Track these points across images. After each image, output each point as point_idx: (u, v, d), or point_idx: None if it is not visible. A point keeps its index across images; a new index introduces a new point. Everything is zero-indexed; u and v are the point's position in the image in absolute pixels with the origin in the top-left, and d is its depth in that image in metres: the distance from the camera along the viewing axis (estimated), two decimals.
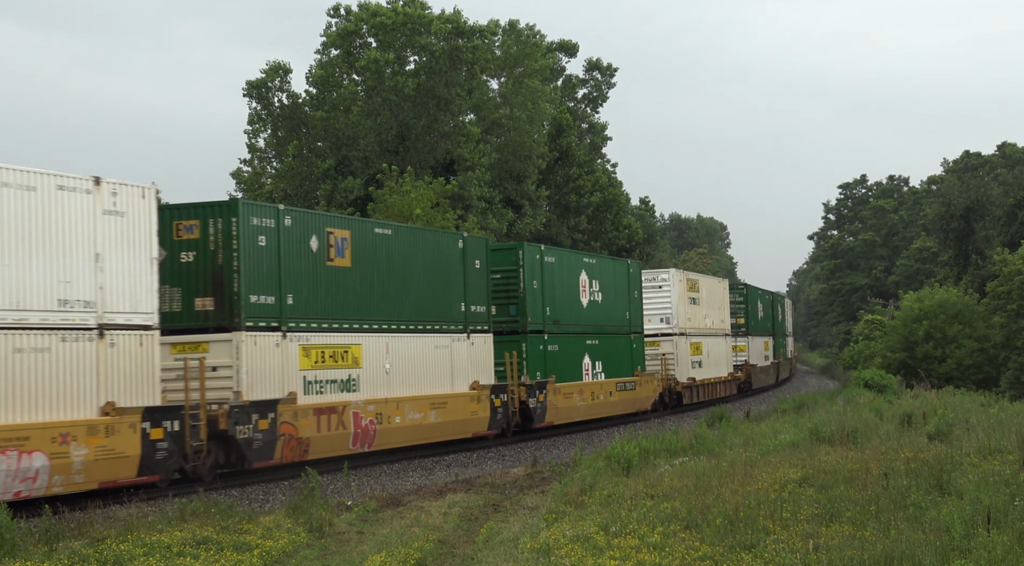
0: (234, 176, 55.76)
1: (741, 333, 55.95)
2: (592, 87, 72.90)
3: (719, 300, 51.09)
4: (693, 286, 46.84)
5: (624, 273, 40.28)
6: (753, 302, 59.88)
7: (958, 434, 23.02)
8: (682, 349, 44.76)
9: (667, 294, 44.35)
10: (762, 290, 68.02)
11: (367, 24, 52.84)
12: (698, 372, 46.65)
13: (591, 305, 37.06)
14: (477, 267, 30.67)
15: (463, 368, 29.52)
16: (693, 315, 46.31)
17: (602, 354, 37.47)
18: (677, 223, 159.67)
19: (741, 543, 13.81)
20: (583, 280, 36.63)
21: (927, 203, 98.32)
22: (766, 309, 63.97)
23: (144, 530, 15.88)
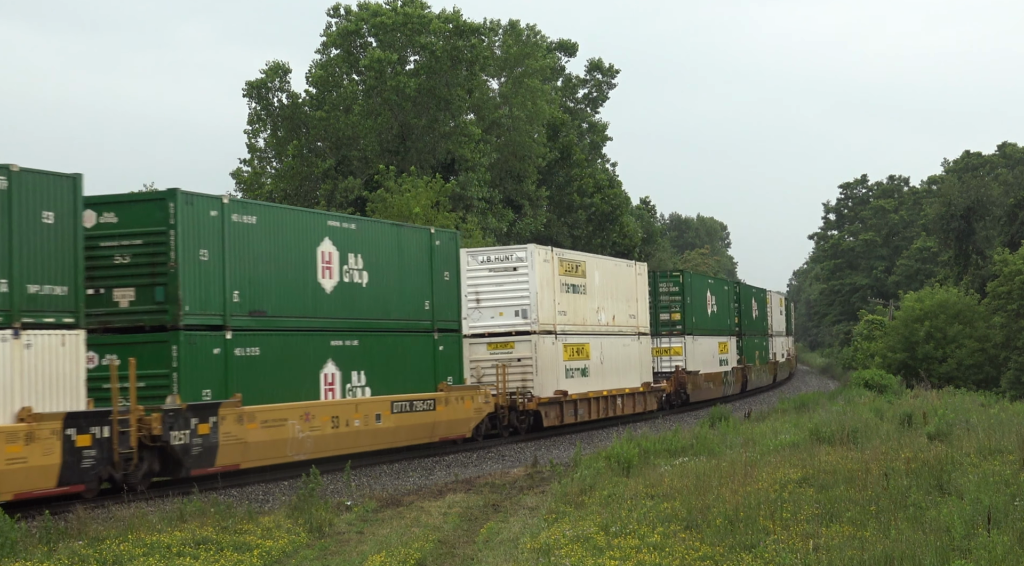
0: (234, 176, 55.80)
1: (676, 332, 46.32)
2: (593, 87, 72.93)
3: (626, 289, 40.34)
4: (574, 269, 36.25)
5: (421, 245, 28.85)
6: (698, 294, 49.36)
7: (958, 434, 23.02)
8: (547, 352, 33.77)
9: (524, 278, 33.29)
10: (717, 279, 58.84)
11: (367, 24, 52.86)
12: (579, 383, 35.71)
13: (343, 289, 25.80)
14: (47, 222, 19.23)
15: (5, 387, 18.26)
16: (573, 307, 35.93)
17: (368, 361, 26.34)
18: (677, 223, 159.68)
19: (741, 543, 13.81)
20: (325, 252, 25.29)
21: (927, 203, 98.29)
22: (724, 303, 53.63)
23: (144, 530, 15.88)
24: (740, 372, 55.66)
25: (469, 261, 32.98)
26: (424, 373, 28.50)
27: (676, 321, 46.74)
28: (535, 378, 33.29)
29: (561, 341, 34.73)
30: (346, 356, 25.71)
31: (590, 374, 36.57)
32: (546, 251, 34.51)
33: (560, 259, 35.32)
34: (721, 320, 52.48)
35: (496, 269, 33.61)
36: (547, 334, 33.90)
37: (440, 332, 29.22)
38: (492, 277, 33.48)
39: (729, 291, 55.26)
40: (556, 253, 35.16)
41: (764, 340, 63.83)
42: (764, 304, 64.56)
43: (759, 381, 61.61)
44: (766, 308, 65.17)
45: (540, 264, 33.69)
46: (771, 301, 68.15)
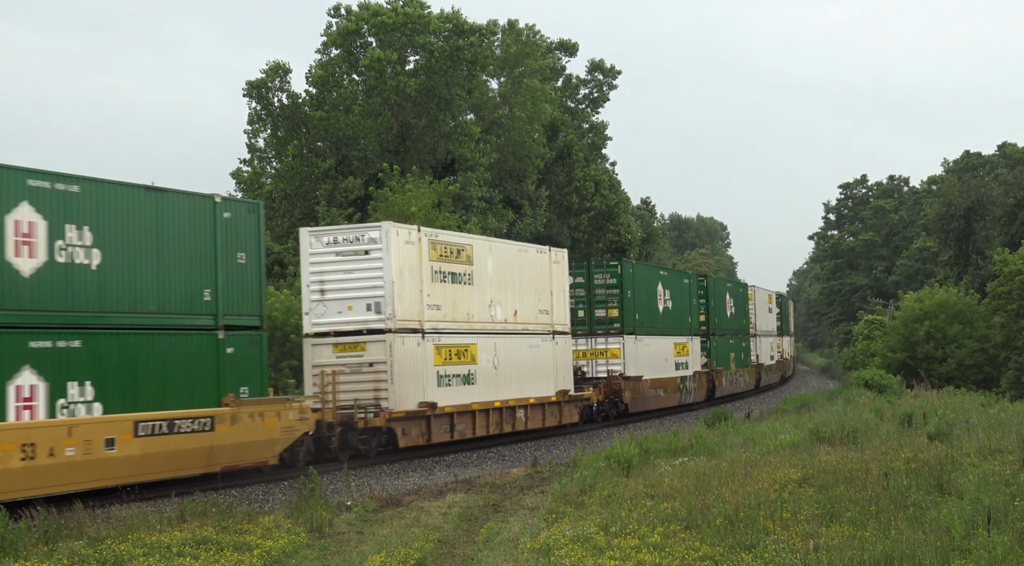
0: (234, 176, 55.79)
1: (613, 331, 40.20)
2: (594, 87, 72.92)
3: (536, 280, 33.86)
4: (453, 254, 29.79)
5: (198, 218, 22.76)
6: (644, 287, 42.52)
7: (958, 434, 23.02)
8: (408, 355, 27.49)
9: (377, 264, 27.24)
10: (673, 272, 51.01)
11: (367, 24, 52.86)
12: (460, 393, 29.51)
13: (54, 271, 19.81)
14: None
15: None
16: (453, 300, 29.56)
17: (97, 368, 20.38)
18: (677, 223, 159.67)
19: (741, 543, 13.81)
20: (22, 222, 19.36)
21: (927, 203, 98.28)
22: (683, 298, 46.97)
23: (144, 530, 15.89)
24: (705, 377, 49.35)
25: (312, 243, 27.78)
26: (200, 383, 22.31)
27: (614, 318, 40.20)
28: (390, 387, 26.89)
29: (432, 341, 28.41)
30: (57, 362, 19.62)
31: (477, 381, 30.16)
32: (410, 230, 28.23)
33: (432, 240, 28.91)
34: (678, 318, 46.11)
35: (345, 253, 27.54)
36: (410, 333, 27.63)
37: (230, 330, 23.14)
38: (340, 263, 27.53)
39: (691, 285, 48.85)
40: (427, 233, 28.83)
41: (744, 341, 57.62)
42: (744, 301, 58.63)
43: (734, 387, 54.87)
44: (747, 305, 59.09)
45: (400, 247, 27.54)
46: (756, 298, 62.12)
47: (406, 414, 27.23)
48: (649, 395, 41.89)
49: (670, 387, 44.22)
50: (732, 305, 55.73)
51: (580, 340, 39.32)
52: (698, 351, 48.60)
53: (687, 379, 46.32)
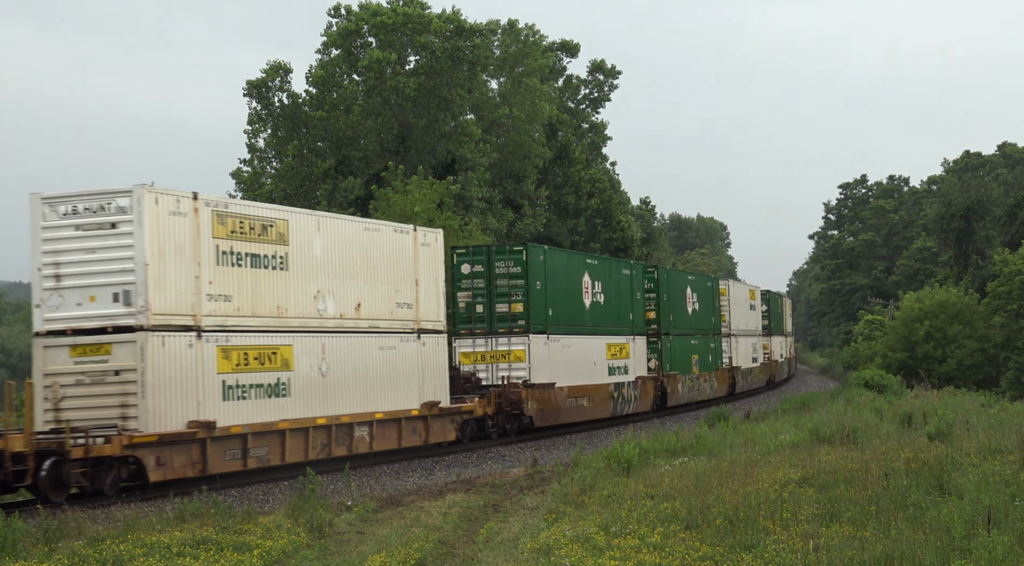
0: (234, 176, 55.77)
1: (517, 329, 33.56)
2: (594, 88, 72.90)
3: (392, 267, 27.81)
4: (250, 230, 23.43)
5: None
6: (560, 277, 35.91)
7: (958, 434, 23.01)
8: (171, 360, 21.42)
9: (127, 241, 21.18)
10: (607, 260, 43.41)
11: (367, 24, 52.84)
12: (263, 408, 23.36)
13: None
14: None
15: None
16: (254, 290, 23.39)
17: None
18: (677, 223, 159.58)
19: (741, 543, 13.81)
20: None
21: (927, 203, 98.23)
22: (622, 292, 40.33)
23: (144, 530, 15.88)
24: (653, 383, 42.68)
25: (46, 213, 21.65)
26: None
27: (518, 314, 33.58)
28: (141, 402, 20.74)
29: (214, 342, 22.28)
30: None
31: (292, 393, 24.01)
32: (179, 198, 21.75)
33: (220, 213, 22.59)
34: (613, 314, 39.39)
35: (87, 226, 21.40)
36: (176, 331, 21.50)
37: None
38: (81, 239, 21.38)
39: (634, 277, 41.68)
40: (210, 203, 22.44)
41: (713, 341, 51.00)
42: (713, 296, 52.18)
43: (696, 393, 47.90)
44: (717, 302, 52.75)
45: (161, 218, 21.29)
46: (731, 294, 55.77)
47: (159, 438, 20.74)
48: (565, 406, 35.01)
49: (599, 396, 37.48)
50: (696, 301, 49.13)
51: (479, 340, 33.52)
52: (643, 353, 41.88)
53: (625, 386, 39.51)
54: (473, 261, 34.08)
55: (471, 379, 32.09)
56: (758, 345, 61.93)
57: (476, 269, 34.06)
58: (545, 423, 34.01)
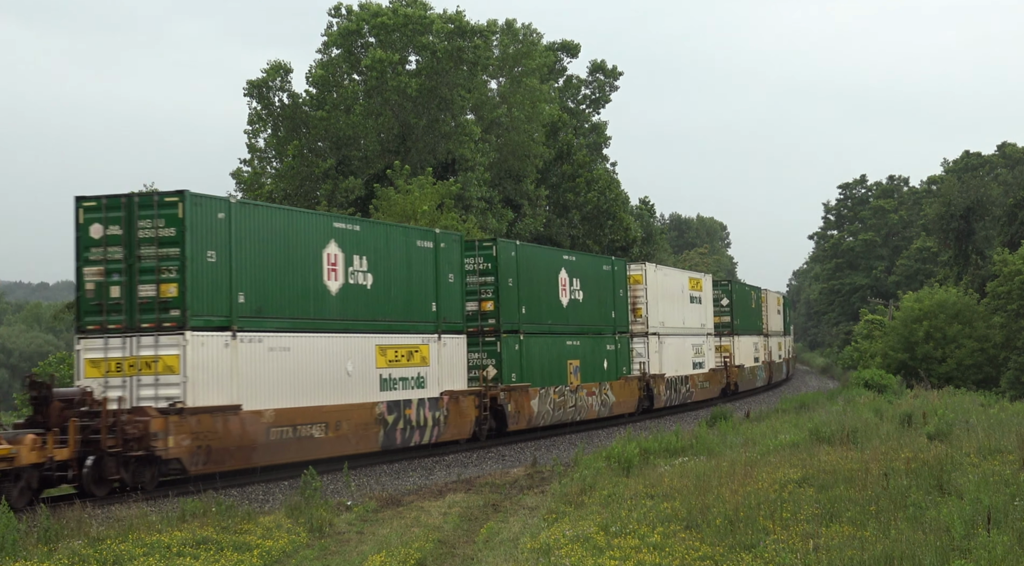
0: (234, 176, 55.76)
1: (167, 324, 21.85)
2: (595, 88, 72.89)
3: None
4: None
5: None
6: (265, 245, 23.79)
7: (958, 434, 23.03)
8: None
9: None
10: (369, 224, 28.58)
11: (368, 24, 52.85)
12: None
13: None
14: None
15: None
16: None
17: None
18: (677, 223, 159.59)
19: (741, 543, 13.81)
20: None
21: (927, 203, 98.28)
22: (409, 272, 28.54)
23: (144, 530, 15.88)
24: (477, 400, 30.74)
25: None
26: None
27: (170, 301, 21.67)
28: None
29: None
30: None
31: None
32: None
33: None
34: (400, 304, 27.91)
35: None
36: None
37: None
38: None
39: (441, 252, 29.76)
40: None
41: (614, 343, 39.37)
42: (614, 284, 39.99)
43: (572, 412, 36.00)
44: (622, 291, 40.70)
45: None
46: (652, 282, 43.24)
47: None
48: (267, 440, 23.24)
49: (353, 422, 25.73)
50: (578, 289, 36.83)
51: (114, 341, 21.85)
52: (460, 359, 30.24)
53: (415, 406, 27.85)
54: (108, 220, 22.31)
55: (88, 403, 20.83)
56: (710, 347, 50.31)
57: (112, 231, 22.25)
58: (218, 467, 22.27)
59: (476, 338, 31.80)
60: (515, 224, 55.82)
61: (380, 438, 26.53)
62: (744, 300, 59.02)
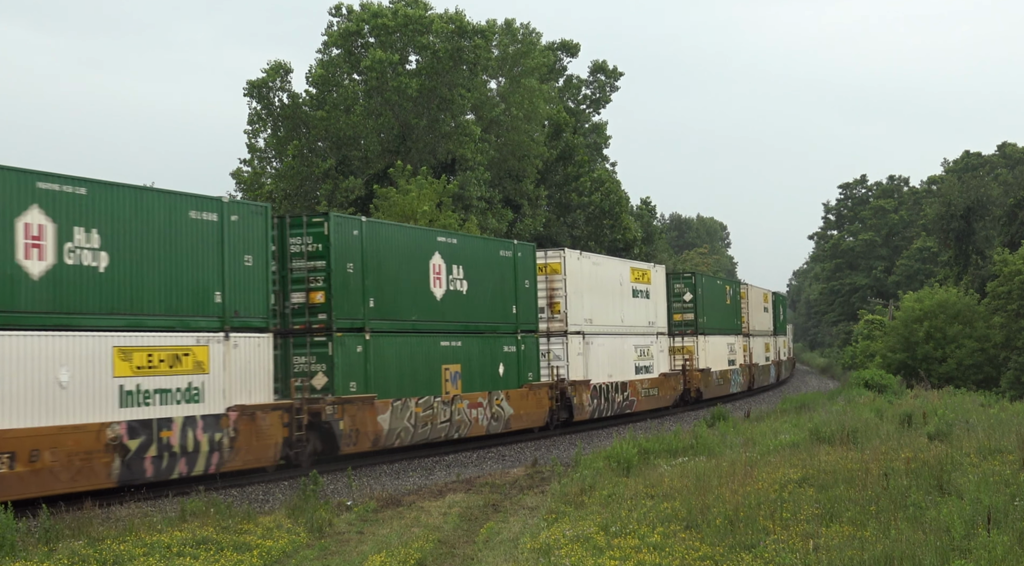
0: (234, 176, 55.80)
1: None
2: (596, 89, 72.91)
3: None
4: None
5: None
6: None
7: (958, 434, 23.03)
8: None
9: None
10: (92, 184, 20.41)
11: (368, 24, 52.87)
12: None
13: None
14: None
15: None
16: None
17: None
18: (677, 223, 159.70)
19: (741, 543, 13.81)
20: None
21: (927, 203, 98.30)
22: (164, 249, 21.48)
23: (144, 530, 15.88)
24: (283, 416, 23.85)
25: None
26: None
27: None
28: None
29: None
30: None
31: None
32: None
33: None
34: (146, 293, 21.13)
35: None
36: None
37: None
38: None
39: (212, 226, 22.58)
40: None
41: (514, 344, 32.31)
42: (516, 275, 32.54)
43: (445, 428, 28.86)
44: (527, 283, 33.22)
45: None
46: (572, 272, 35.69)
47: None
48: None
49: (64, 450, 19.06)
50: (456, 281, 29.63)
51: None
52: (254, 364, 23.35)
53: (177, 427, 21.23)
54: None
55: None
56: (657, 349, 42.82)
57: None
58: None
59: (303, 338, 25.45)
60: (515, 224, 55.84)
61: (115, 471, 19.94)
62: (714, 295, 52.13)
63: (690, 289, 48.99)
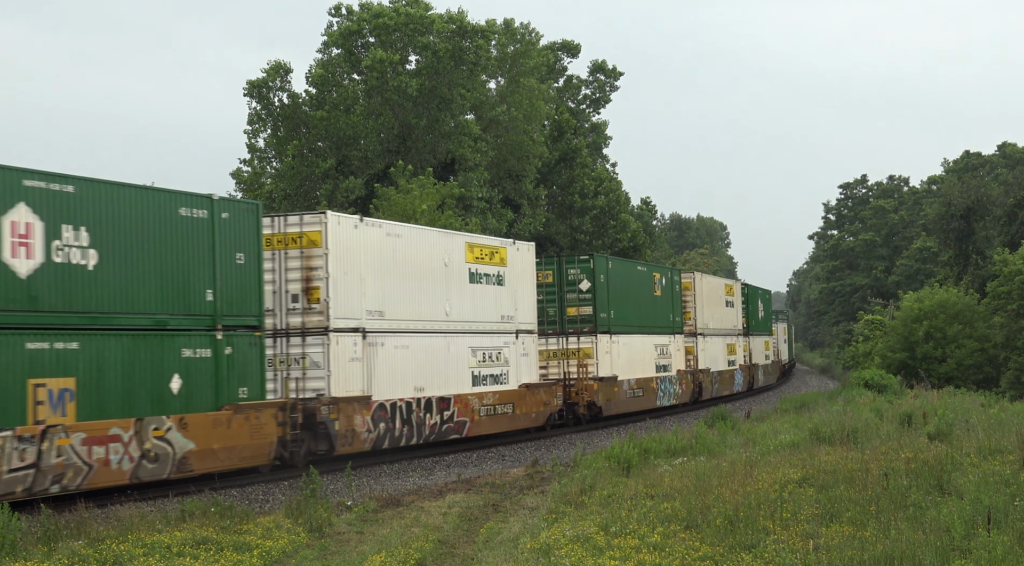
0: (234, 176, 55.81)
1: None
2: (596, 89, 72.90)
3: None
4: None
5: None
6: None
7: (958, 434, 23.02)
8: None
9: None
10: None
11: (368, 24, 52.86)
12: None
13: None
14: None
15: None
16: None
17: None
18: (677, 223, 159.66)
19: (741, 543, 13.81)
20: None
21: (927, 203, 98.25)
22: None
23: (144, 530, 15.88)
24: None
25: None
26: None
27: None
28: None
29: None
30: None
31: None
32: None
33: None
34: None
35: None
36: None
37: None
38: None
39: None
40: None
41: (190, 345, 21.93)
42: (218, 238, 22.65)
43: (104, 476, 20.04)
44: (238, 255, 23.12)
45: None
46: (338, 241, 25.94)
47: None
48: None
49: None
50: (67, 250, 19.69)
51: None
52: None
53: None
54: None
55: None
56: (510, 353, 32.90)
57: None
58: None
59: None
60: (515, 224, 55.84)
61: None
62: (630, 284, 41.57)
63: (588, 276, 38.52)
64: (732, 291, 56.52)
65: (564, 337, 37.86)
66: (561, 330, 37.81)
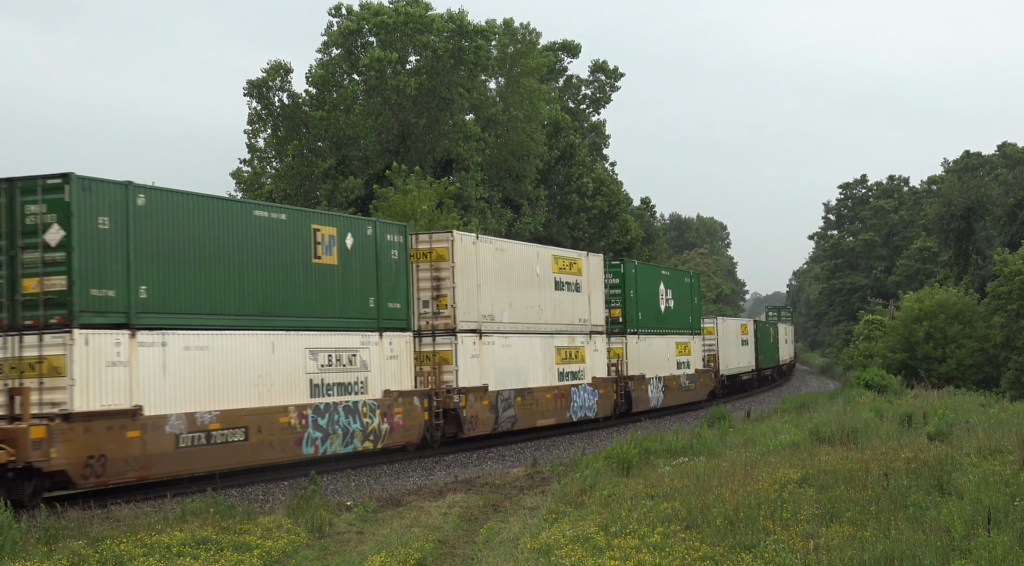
0: (234, 176, 55.77)
1: None
2: (596, 89, 72.87)
3: None
4: None
5: None
6: None
7: (958, 434, 23.02)
8: None
9: None
10: None
11: (368, 24, 52.84)
12: None
13: None
14: None
15: None
16: None
17: None
18: (677, 223, 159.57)
19: (741, 543, 13.81)
20: None
21: (927, 203, 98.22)
22: None
23: (144, 530, 15.87)
24: None
25: None
26: None
27: None
28: None
29: None
30: None
31: None
32: None
33: None
34: None
35: None
36: None
37: None
38: None
39: None
40: None
41: None
42: None
43: None
44: None
45: None
46: None
47: None
48: None
49: None
50: None
51: None
52: None
53: None
54: None
55: None
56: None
57: None
58: None
59: None
60: (514, 224, 55.81)
61: None
62: None
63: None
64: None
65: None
66: None
